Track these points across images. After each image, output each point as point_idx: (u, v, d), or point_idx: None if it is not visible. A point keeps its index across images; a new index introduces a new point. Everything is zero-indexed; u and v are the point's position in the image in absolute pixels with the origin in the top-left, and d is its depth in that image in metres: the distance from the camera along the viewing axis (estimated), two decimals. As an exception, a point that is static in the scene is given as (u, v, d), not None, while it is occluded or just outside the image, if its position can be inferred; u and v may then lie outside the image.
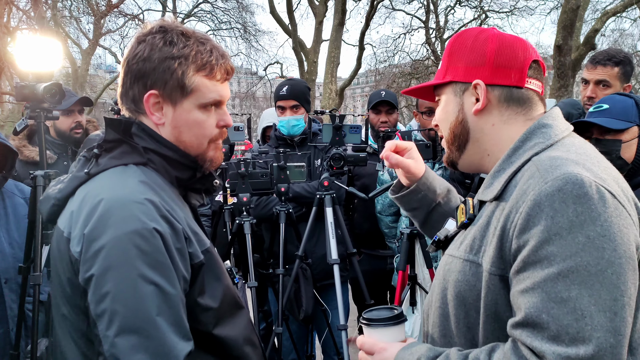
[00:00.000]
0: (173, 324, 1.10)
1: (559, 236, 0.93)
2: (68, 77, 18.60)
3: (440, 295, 1.17)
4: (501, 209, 1.06)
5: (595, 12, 18.77)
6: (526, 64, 1.17)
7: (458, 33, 1.27)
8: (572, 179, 0.96)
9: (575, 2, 9.73)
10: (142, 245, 1.09)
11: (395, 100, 3.56)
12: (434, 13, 21.30)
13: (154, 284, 1.08)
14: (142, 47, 1.23)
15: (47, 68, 2.39)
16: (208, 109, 1.27)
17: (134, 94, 1.24)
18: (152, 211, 1.13)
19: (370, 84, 32.40)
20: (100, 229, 1.09)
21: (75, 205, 1.17)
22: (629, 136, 2.09)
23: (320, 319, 3.16)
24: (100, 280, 1.07)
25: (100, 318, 1.07)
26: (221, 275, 1.27)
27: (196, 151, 1.29)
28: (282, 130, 3.23)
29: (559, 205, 0.95)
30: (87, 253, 1.09)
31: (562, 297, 0.92)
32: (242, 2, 21.47)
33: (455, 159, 1.26)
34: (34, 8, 15.03)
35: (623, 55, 2.89)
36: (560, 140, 1.11)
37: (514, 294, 0.99)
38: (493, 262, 1.04)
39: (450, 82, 1.23)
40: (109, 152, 1.23)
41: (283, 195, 2.93)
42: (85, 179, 1.20)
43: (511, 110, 1.17)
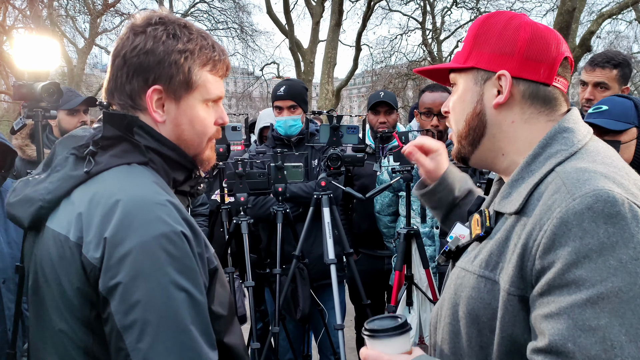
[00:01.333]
0: (203, 333, 1.03)
1: (589, 259, 0.86)
2: (64, 76, 18.54)
3: (452, 311, 1.10)
4: (522, 225, 0.98)
5: (591, 14, 18.86)
6: (558, 60, 1.07)
7: (487, 15, 1.14)
8: (603, 196, 0.88)
9: (571, 4, 9.77)
10: (172, 249, 1.01)
11: (394, 101, 3.57)
12: (430, 14, 21.34)
13: (185, 290, 1.01)
14: (141, 39, 1.14)
15: (44, 67, 2.39)
16: (209, 106, 1.22)
17: (132, 89, 1.15)
18: (175, 214, 1.05)
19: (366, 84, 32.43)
20: (124, 232, 1.00)
21: (81, 207, 1.06)
22: (628, 137, 2.11)
23: (317, 318, 3.17)
24: (128, 288, 0.98)
25: (128, 329, 0.97)
26: (225, 282, 1.21)
27: (195, 150, 1.23)
28: (280, 130, 3.23)
29: (589, 225, 0.87)
30: (111, 259, 0.99)
31: (591, 325, 0.85)
32: (239, 2, 21.50)
33: (466, 154, 1.16)
34: (30, 7, 14.99)
35: (622, 58, 2.90)
36: (584, 147, 1.03)
37: (536, 318, 0.92)
38: (512, 281, 0.96)
39: (471, 68, 1.11)
40: (106, 149, 1.13)
41: (280, 195, 2.93)
42: (84, 179, 1.09)
43: (534, 109, 1.08)
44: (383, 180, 3.20)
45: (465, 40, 1.14)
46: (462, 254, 1.16)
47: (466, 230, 1.20)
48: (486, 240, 1.07)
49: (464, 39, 1.16)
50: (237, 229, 2.92)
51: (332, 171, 2.88)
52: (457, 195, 1.53)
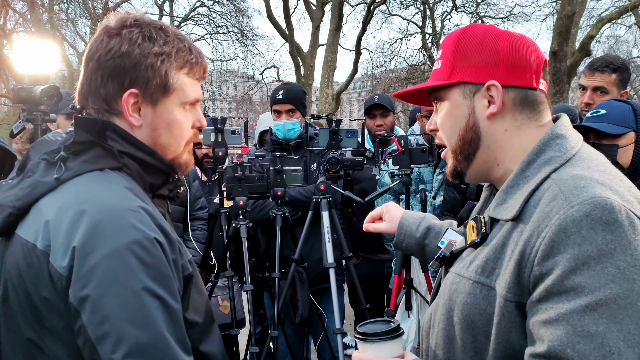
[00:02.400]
0: (178, 340, 1.01)
1: (587, 266, 0.87)
2: (64, 80, 18.57)
3: (446, 316, 1.10)
4: (519, 231, 0.99)
5: (591, 19, 18.88)
6: (540, 64, 1.09)
7: (461, 30, 1.15)
8: (601, 203, 0.89)
9: (571, 9, 9.79)
10: (144, 256, 0.98)
11: (389, 103, 3.58)
12: (430, 18, 21.37)
13: (159, 298, 0.99)
14: (116, 41, 1.11)
15: (44, 70, 2.40)
16: (186, 109, 1.20)
17: (107, 93, 1.12)
18: (148, 220, 1.03)
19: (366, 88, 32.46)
20: (95, 241, 0.97)
21: (50, 215, 1.03)
22: (626, 141, 2.12)
23: (315, 322, 3.16)
24: (100, 298, 0.95)
25: (102, 340, 0.94)
26: (202, 288, 1.20)
27: (172, 154, 1.21)
28: (278, 134, 3.23)
29: (587, 233, 0.88)
30: (82, 269, 0.96)
31: (590, 331, 0.86)
32: (239, 6, 21.54)
33: (463, 169, 1.16)
34: (31, 11, 15.03)
35: (620, 62, 2.90)
36: (577, 154, 1.04)
37: (534, 324, 0.93)
38: (509, 287, 0.97)
39: (457, 84, 1.11)
40: (78, 155, 1.10)
41: (279, 199, 2.93)
42: (54, 186, 1.06)
43: (524, 115, 1.09)
44: (385, 183, 3.20)
45: (443, 57, 1.14)
46: (456, 259, 1.16)
47: (457, 236, 1.20)
48: (482, 247, 1.07)
49: (440, 55, 1.16)
50: (236, 233, 2.92)
51: (331, 175, 2.88)
52: (418, 236, 1.55)
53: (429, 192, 3.08)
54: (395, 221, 1.60)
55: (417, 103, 1.34)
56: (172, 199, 1.29)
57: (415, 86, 1.23)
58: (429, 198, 3.09)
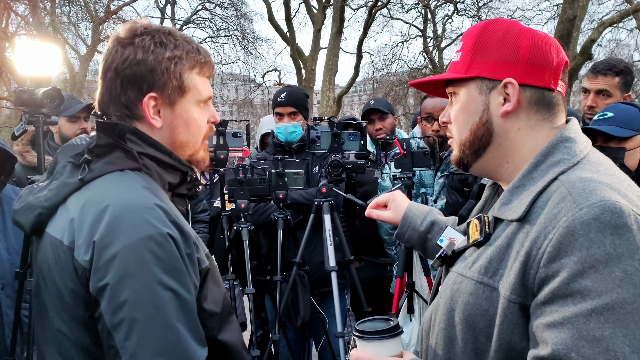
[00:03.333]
0: (191, 330, 1.07)
1: (595, 269, 0.86)
2: (66, 83, 18.59)
3: (447, 316, 1.09)
4: (525, 232, 0.98)
5: (592, 23, 18.92)
6: (560, 65, 1.08)
7: (484, 23, 1.13)
8: (610, 207, 0.89)
9: (572, 12, 9.79)
10: (158, 251, 1.05)
11: (385, 106, 3.57)
12: (431, 22, 21.42)
13: (171, 290, 1.05)
14: (130, 50, 1.19)
15: (45, 73, 2.39)
16: (201, 107, 1.28)
17: (127, 100, 1.20)
18: (163, 216, 1.10)
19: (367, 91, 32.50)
20: (112, 235, 1.05)
21: (74, 213, 1.11)
22: (633, 144, 2.12)
23: (317, 326, 3.15)
24: (116, 288, 1.03)
25: (117, 328, 1.02)
26: (220, 281, 1.26)
27: (191, 150, 1.28)
28: (280, 136, 3.23)
29: (595, 236, 0.87)
30: (100, 261, 1.04)
31: (595, 335, 0.85)
32: (241, 10, 21.59)
33: (469, 162, 1.15)
34: (33, 14, 15.06)
35: (624, 65, 2.90)
36: (585, 157, 1.03)
37: (539, 326, 0.92)
38: (514, 289, 0.96)
39: (474, 78, 1.10)
40: (100, 157, 1.18)
41: (281, 201, 2.92)
42: (79, 186, 1.15)
43: (539, 115, 1.08)
44: (385, 187, 3.19)
45: (463, 49, 1.13)
46: (458, 259, 1.15)
47: (457, 234, 1.19)
48: (485, 246, 1.06)
49: (460, 47, 1.14)
50: (237, 236, 2.91)
51: (333, 178, 2.88)
52: (422, 230, 1.54)
53: (430, 196, 3.07)
54: (400, 211, 1.59)
55: (433, 93, 1.32)
56: (191, 197, 1.36)
57: (432, 77, 1.22)
58: (430, 201, 3.08)
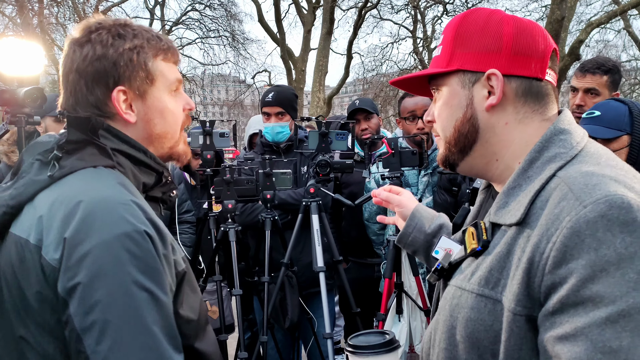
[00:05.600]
0: (167, 335, 1.00)
1: (606, 272, 0.78)
2: (54, 84, 18.42)
3: (447, 335, 0.99)
4: (526, 237, 0.90)
5: (580, 23, 19.04)
6: (547, 52, 1.00)
7: (464, 13, 1.06)
8: (617, 202, 0.80)
9: (560, 13, 9.84)
10: (134, 248, 0.99)
11: (370, 106, 3.57)
12: (421, 23, 21.45)
13: (147, 290, 0.98)
14: (88, 48, 1.13)
15: (28, 72, 2.35)
16: (173, 95, 1.23)
17: (95, 99, 1.14)
18: (139, 213, 1.04)
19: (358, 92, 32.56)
20: (85, 232, 0.98)
21: (43, 210, 1.04)
22: (618, 145, 2.06)
23: (306, 327, 3.13)
24: (88, 288, 0.95)
25: (88, 331, 0.94)
26: (196, 287, 1.20)
27: (170, 142, 1.24)
28: (267, 136, 3.21)
29: (604, 235, 0.79)
30: (71, 259, 0.97)
31: (612, 347, 0.76)
32: (231, 11, 21.49)
33: (455, 160, 1.08)
34: (20, 14, 14.94)
35: (611, 64, 2.90)
36: (583, 149, 0.95)
37: (549, 340, 0.83)
38: (518, 300, 0.87)
39: (456, 71, 1.03)
40: (72, 154, 1.12)
41: (269, 202, 2.90)
42: (48, 183, 1.08)
43: (527, 107, 1.00)
44: (371, 188, 3.18)
45: (444, 43, 1.06)
46: (455, 271, 1.06)
47: (453, 244, 1.10)
48: (483, 255, 0.98)
49: (441, 42, 1.08)
50: (224, 237, 2.88)
51: (321, 178, 2.86)
52: (429, 232, 1.45)
53: (415, 195, 3.07)
54: (408, 208, 1.51)
55: (416, 93, 1.25)
56: (164, 202, 1.29)
57: (412, 74, 1.15)
58: None
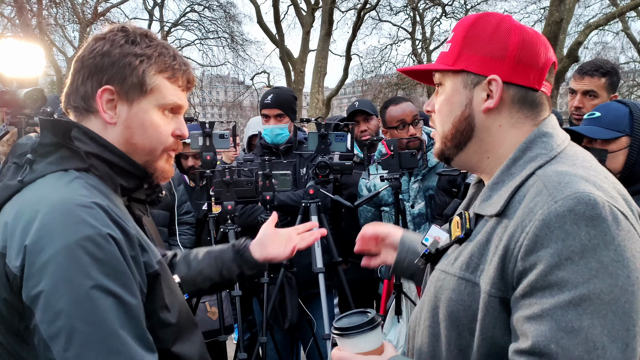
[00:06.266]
0: (136, 336, 1.00)
1: (571, 261, 0.87)
2: (53, 85, 18.43)
3: (431, 314, 1.09)
4: (504, 227, 0.99)
5: (578, 25, 19.08)
6: (547, 65, 1.08)
7: (477, 15, 1.12)
8: (584, 198, 0.89)
9: (559, 15, 9.86)
10: (96, 252, 0.97)
11: (369, 108, 3.58)
12: (420, 24, 21.48)
13: (112, 294, 0.97)
14: (100, 43, 1.15)
15: (28, 74, 2.36)
16: (165, 114, 1.20)
17: (85, 91, 1.15)
18: (103, 215, 1.02)
19: (357, 94, 32.56)
20: (46, 238, 0.97)
21: (9, 217, 1.03)
22: (617, 146, 2.07)
23: (305, 328, 3.13)
24: (51, 296, 0.94)
25: (54, 339, 0.94)
26: (176, 289, 1.19)
27: (147, 156, 1.20)
28: (266, 138, 3.22)
29: (571, 228, 0.88)
30: (32, 267, 0.95)
31: (574, 326, 0.86)
32: (230, 12, 21.53)
33: (450, 155, 1.15)
34: (19, 15, 14.94)
35: (610, 66, 2.92)
36: (563, 151, 1.04)
37: (518, 319, 0.93)
38: (493, 283, 0.96)
39: (461, 71, 1.10)
40: (44, 157, 1.10)
41: (268, 203, 2.90)
42: (19, 188, 1.07)
43: (521, 114, 1.08)
44: (363, 196, 3.19)
45: (453, 41, 1.12)
46: (442, 257, 1.15)
47: (442, 232, 1.19)
48: (466, 243, 1.07)
49: (450, 38, 1.14)
50: (224, 238, 2.88)
51: (321, 179, 2.86)
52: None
53: (407, 202, 3.07)
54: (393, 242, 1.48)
55: (422, 80, 1.30)
56: (151, 203, 1.29)
57: (420, 66, 1.20)
58: (407, 207, 3.07)
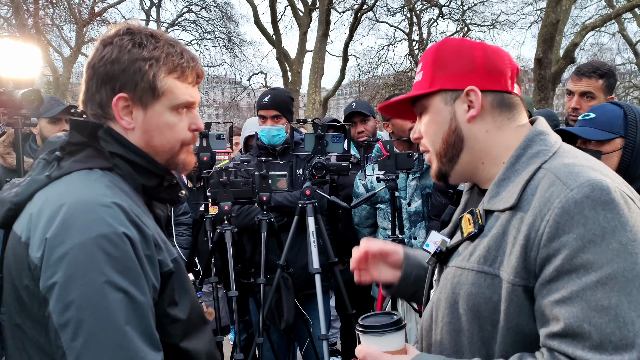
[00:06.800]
0: (143, 334, 1.04)
1: (593, 243, 0.93)
2: (49, 85, 18.38)
3: (450, 310, 1.12)
4: (519, 218, 1.04)
5: (575, 27, 19.15)
6: (514, 71, 1.18)
7: (438, 43, 1.23)
8: (598, 185, 0.96)
9: (555, 17, 9.89)
10: (111, 250, 1.03)
11: (367, 109, 3.60)
12: (417, 25, 21.51)
13: (122, 291, 1.02)
14: (108, 49, 1.18)
15: (25, 75, 2.36)
16: (180, 112, 1.24)
17: (100, 99, 1.19)
18: (121, 215, 1.07)
19: (354, 94, 32.58)
20: (65, 233, 1.03)
21: (34, 209, 1.10)
22: (610, 148, 2.08)
23: (301, 328, 3.14)
24: (64, 287, 1.00)
25: (64, 328, 1.00)
26: (189, 287, 1.23)
27: (168, 155, 1.25)
28: (263, 139, 3.22)
29: (589, 212, 0.94)
30: (50, 259, 1.02)
31: (603, 305, 0.91)
32: (227, 12, 21.50)
33: (447, 170, 1.21)
34: (15, 15, 14.90)
35: (607, 68, 2.93)
36: (560, 148, 1.12)
37: (547, 305, 0.97)
38: (517, 272, 1.01)
39: (438, 91, 1.18)
40: (72, 155, 1.18)
41: (265, 204, 2.91)
42: (46, 183, 1.14)
43: (503, 116, 1.16)
44: (359, 193, 3.20)
45: (424, 69, 1.21)
46: (451, 256, 1.19)
47: (442, 237, 1.25)
48: (480, 238, 1.11)
49: (420, 68, 1.23)
50: (220, 239, 2.89)
51: (317, 180, 2.87)
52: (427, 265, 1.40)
53: (404, 199, 3.08)
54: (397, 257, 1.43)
55: (401, 118, 1.39)
56: (172, 202, 1.34)
57: (398, 97, 1.28)
58: (404, 205, 3.09)
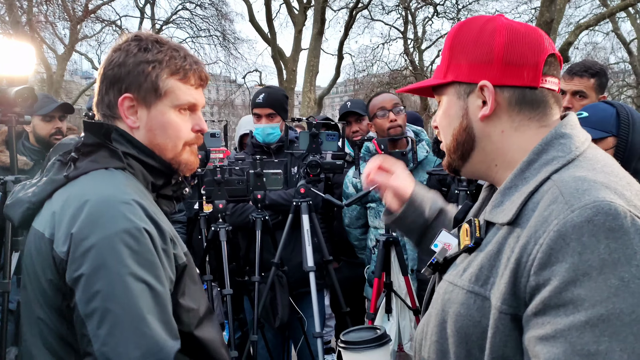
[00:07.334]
0: (162, 322, 1.12)
1: (588, 277, 0.79)
2: (43, 83, 18.29)
3: (439, 328, 1.02)
4: (516, 237, 0.91)
5: (569, 26, 19.20)
6: (541, 60, 1.00)
7: (461, 22, 1.08)
8: (604, 208, 0.81)
9: (549, 16, 9.94)
10: (132, 244, 1.11)
11: (361, 108, 3.61)
12: (412, 24, 21.52)
13: (144, 282, 1.10)
14: (117, 54, 1.27)
15: (19, 72, 2.35)
16: (183, 113, 1.31)
17: (109, 100, 1.28)
18: (140, 212, 1.15)
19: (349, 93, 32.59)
20: (90, 228, 1.10)
21: (56, 207, 1.17)
22: (603, 146, 2.07)
23: (296, 327, 3.15)
24: (90, 279, 1.08)
25: (90, 317, 1.07)
26: (197, 279, 1.31)
27: (171, 153, 1.31)
28: (258, 137, 3.23)
29: (589, 240, 0.80)
30: (76, 252, 1.09)
31: (590, 350, 0.77)
32: (221, 10, 21.43)
33: (458, 166, 1.11)
34: (9, 13, 14.83)
35: (599, 67, 2.94)
36: (582, 154, 0.96)
37: (530, 339, 0.85)
38: (504, 299, 0.89)
39: (452, 82, 1.06)
40: (87, 156, 1.25)
41: (259, 202, 2.91)
42: (64, 182, 1.21)
43: (523, 115, 1.01)
44: (348, 194, 3.20)
45: (443, 53, 1.10)
46: (450, 265, 1.09)
47: (452, 239, 1.11)
48: (476, 252, 1.00)
49: (442, 51, 1.11)
50: (215, 237, 2.89)
51: (312, 178, 2.87)
52: (427, 216, 1.42)
53: None
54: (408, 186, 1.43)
55: (423, 95, 1.27)
56: (177, 199, 1.41)
57: (416, 84, 1.20)
58: None
